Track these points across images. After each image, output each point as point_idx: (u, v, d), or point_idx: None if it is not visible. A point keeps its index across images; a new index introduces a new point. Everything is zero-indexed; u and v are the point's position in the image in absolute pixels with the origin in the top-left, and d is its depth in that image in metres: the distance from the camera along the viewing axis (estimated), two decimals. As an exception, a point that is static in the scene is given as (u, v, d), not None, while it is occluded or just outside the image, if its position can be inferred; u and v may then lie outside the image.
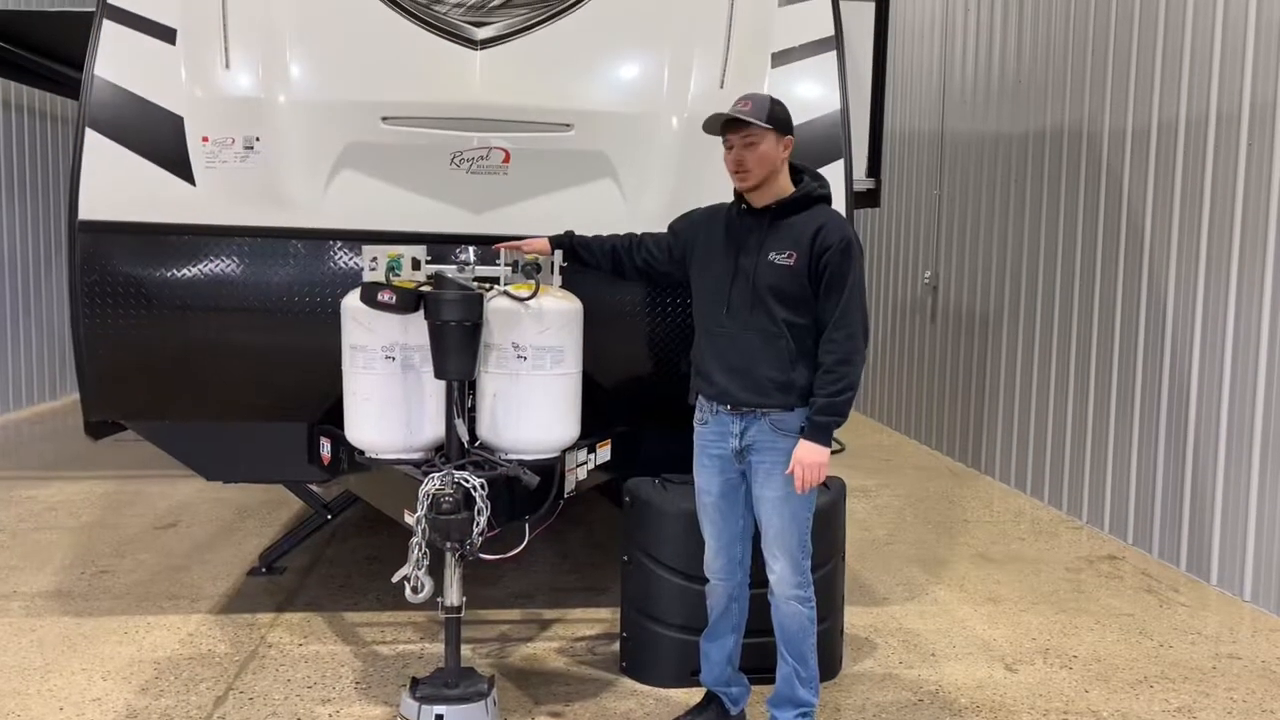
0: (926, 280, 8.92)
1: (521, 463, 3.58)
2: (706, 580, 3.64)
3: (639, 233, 3.83)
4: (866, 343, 3.34)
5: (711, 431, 3.48)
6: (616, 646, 4.21)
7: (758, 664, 3.79)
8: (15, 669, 4.05)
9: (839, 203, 4.22)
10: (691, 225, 3.64)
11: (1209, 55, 5.35)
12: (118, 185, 4.01)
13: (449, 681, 3.53)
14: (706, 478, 3.53)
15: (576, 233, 3.88)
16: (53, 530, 5.93)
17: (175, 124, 4.04)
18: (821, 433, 3.28)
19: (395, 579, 3.38)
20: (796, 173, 3.47)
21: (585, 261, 3.85)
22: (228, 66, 4.12)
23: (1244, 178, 5.10)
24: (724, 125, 3.35)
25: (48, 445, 8.62)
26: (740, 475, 3.48)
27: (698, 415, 3.55)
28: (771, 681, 3.60)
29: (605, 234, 3.87)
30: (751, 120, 3.28)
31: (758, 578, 3.58)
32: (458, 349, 3.46)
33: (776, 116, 3.32)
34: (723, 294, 3.42)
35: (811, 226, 3.33)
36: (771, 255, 3.33)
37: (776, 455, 3.34)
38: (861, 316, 3.31)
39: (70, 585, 5.00)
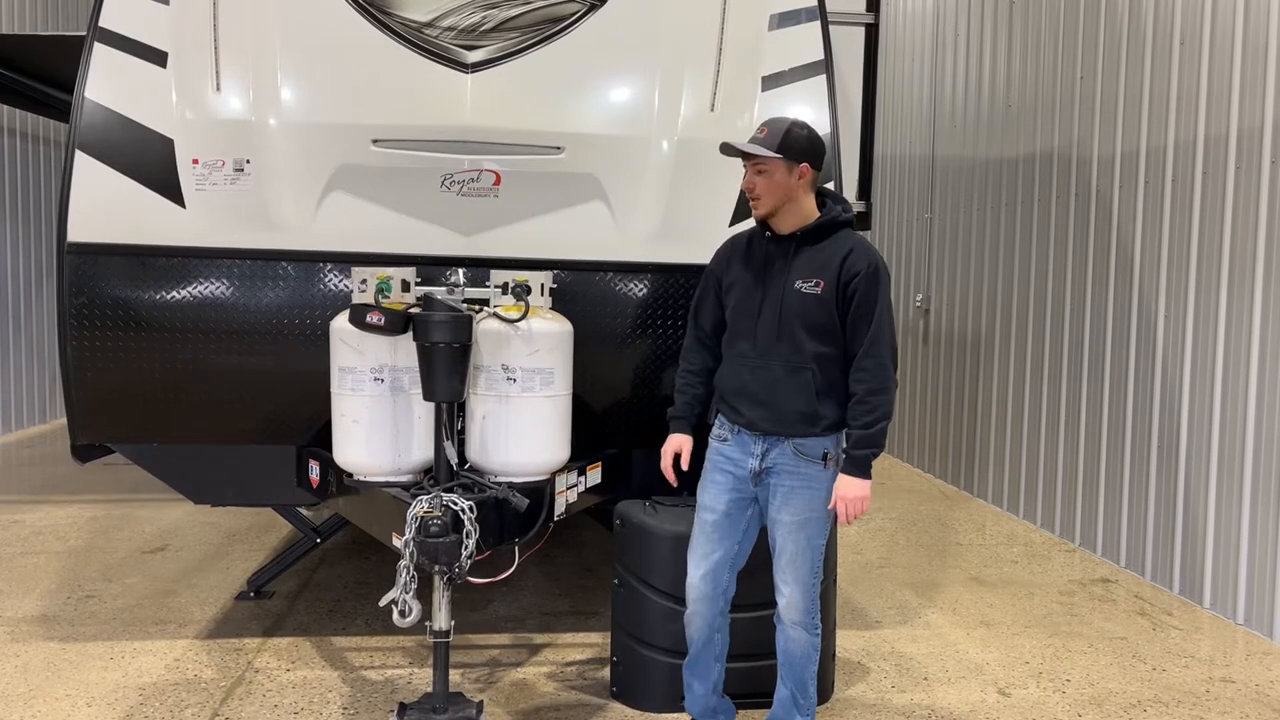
0: (918, 304, 8.94)
1: (511, 485, 3.57)
2: (709, 604, 3.48)
3: (691, 321, 3.60)
4: (895, 369, 3.27)
5: (731, 449, 3.39)
6: (607, 671, 4.17)
7: (749, 689, 3.77)
8: (-2, 695, 4.01)
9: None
10: (719, 261, 3.53)
11: (1196, 80, 5.39)
12: (107, 207, 4.01)
13: (437, 707, 3.49)
14: (714, 494, 3.43)
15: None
16: (39, 554, 5.88)
17: (165, 146, 4.05)
18: (860, 466, 3.20)
19: (382, 603, 3.35)
20: (821, 197, 3.38)
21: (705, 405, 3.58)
22: (218, 89, 4.13)
23: (1231, 201, 5.12)
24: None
25: (35, 469, 8.57)
26: (751, 498, 3.41)
27: (717, 432, 3.46)
28: (762, 706, 3.58)
29: (686, 379, 3.57)
30: (752, 151, 3.24)
31: (738, 602, 3.53)
32: (446, 371, 3.45)
33: (790, 145, 3.23)
34: (748, 323, 3.34)
35: (839, 254, 3.24)
36: (798, 284, 3.25)
37: (797, 480, 3.29)
38: (891, 344, 3.24)
39: (56, 610, 4.95)
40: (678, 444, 3.54)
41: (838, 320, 3.24)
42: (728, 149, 3.34)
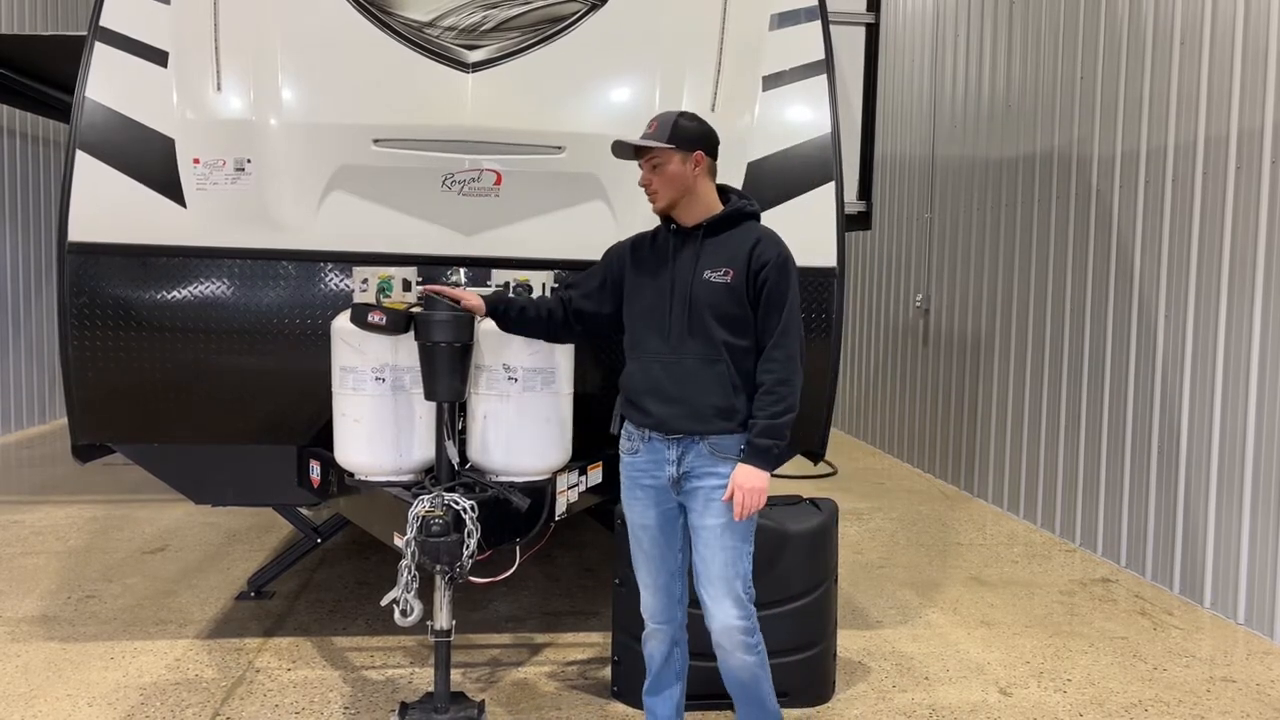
0: (918, 304, 8.94)
1: (512, 485, 3.57)
2: (668, 618, 3.39)
3: (561, 288, 3.57)
4: (803, 363, 3.19)
5: (644, 460, 3.26)
6: (608, 671, 4.17)
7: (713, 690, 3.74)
8: (0, 695, 4.01)
9: (831, 225, 4.26)
10: (620, 252, 3.46)
11: (1196, 80, 5.39)
12: (108, 207, 4.01)
13: (438, 707, 3.49)
14: (641, 511, 3.31)
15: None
16: (39, 555, 5.88)
17: (166, 146, 4.05)
18: (761, 456, 3.10)
19: (384, 602, 3.36)
20: (725, 193, 3.33)
21: (515, 325, 3.50)
22: (219, 89, 4.13)
23: (1232, 202, 5.13)
24: (635, 149, 3.26)
25: (35, 469, 8.57)
26: (678, 507, 3.28)
27: (625, 444, 3.32)
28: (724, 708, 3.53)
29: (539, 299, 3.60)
30: (643, 144, 3.20)
31: (693, 596, 3.38)
32: (448, 370, 3.45)
33: (680, 135, 3.18)
34: (658, 317, 3.23)
35: (747, 243, 3.18)
36: (707, 274, 3.17)
37: (716, 480, 3.16)
38: (799, 337, 3.18)
39: (56, 610, 4.95)
40: (470, 296, 3.44)
41: (749, 309, 3.18)
42: (618, 147, 3.28)
